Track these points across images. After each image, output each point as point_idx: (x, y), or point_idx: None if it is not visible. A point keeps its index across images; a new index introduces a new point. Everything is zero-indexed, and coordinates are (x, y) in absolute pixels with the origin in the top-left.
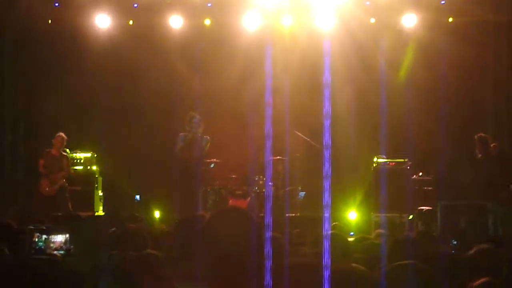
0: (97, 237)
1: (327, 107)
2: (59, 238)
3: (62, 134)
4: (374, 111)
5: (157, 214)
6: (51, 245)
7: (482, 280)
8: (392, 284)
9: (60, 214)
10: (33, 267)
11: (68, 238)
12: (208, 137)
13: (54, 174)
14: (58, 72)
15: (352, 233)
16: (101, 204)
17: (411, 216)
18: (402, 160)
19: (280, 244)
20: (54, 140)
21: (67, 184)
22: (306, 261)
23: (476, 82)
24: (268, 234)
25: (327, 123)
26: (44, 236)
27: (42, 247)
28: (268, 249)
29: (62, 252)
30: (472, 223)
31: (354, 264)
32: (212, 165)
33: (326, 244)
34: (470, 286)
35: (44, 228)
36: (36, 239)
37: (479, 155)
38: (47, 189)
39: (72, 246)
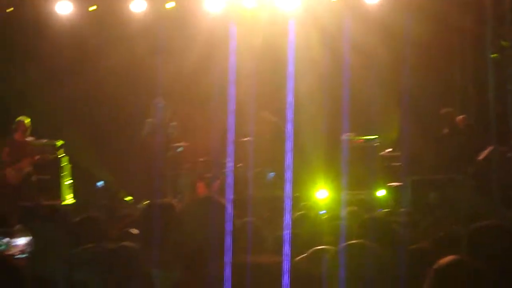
0: (60, 230)
1: (290, 89)
2: (22, 241)
3: (23, 118)
4: (340, 90)
5: (127, 200)
6: (13, 249)
7: (448, 258)
8: (337, 264)
9: (27, 204)
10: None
11: (31, 241)
12: (175, 123)
13: (19, 161)
14: (18, 60)
15: (323, 211)
16: (70, 192)
17: (381, 193)
18: (371, 137)
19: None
20: (16, 125)
21: (33, 171)
22: (266, 259)
23: (442, 60)
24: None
25: (290, 105)
26: (5, 240)
27: (4, 251)
28: (228, 241)
29: (25, 255)
30: (442, 197)
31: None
32: (180, 149)
33: (287, 234)
34: (435, 266)
35: (4, 230)
36: None
37: (446, 130)
38: (12, 177)
39: (33, 249)
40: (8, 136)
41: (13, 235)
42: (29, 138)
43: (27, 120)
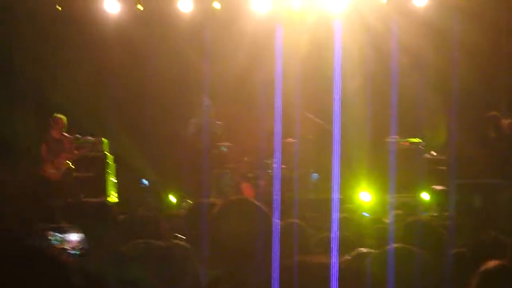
0: (109, 227)
1: (337, 90)
2: (75, 237)
3: (59, 115)
4: (386, 92)
5: (172, 199)
6: (66, 245)
7: (493, 263)
8: (381, 268)
9: (69, 200)
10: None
11: (83, 238)
12: (221, 123)
13: (57, 158)
14: (67, 58)
15: (366, 214)
16: (114, 190)
17: (426, 196)
18: (416, 140)
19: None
20: (52, 122)
21: (73, 167)
22: (314, 258)
23: (489, 63)
24: (277, 221)
25: (337, 106)
26: (59, 236)
27: (57, 245)
28: (276, 242)
29: (77, 252)
30: (487, 202)
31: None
32: (224, 149)
33: (335, 236)
34: (481, 270)
35: (58, 227)
36: (51, 238)
37: (492, 135)
38: (52, 174)
39: (86, 246)
40: (45, 133)
41: (66, 231)
42: (73, 135)
43: (61, 116)
